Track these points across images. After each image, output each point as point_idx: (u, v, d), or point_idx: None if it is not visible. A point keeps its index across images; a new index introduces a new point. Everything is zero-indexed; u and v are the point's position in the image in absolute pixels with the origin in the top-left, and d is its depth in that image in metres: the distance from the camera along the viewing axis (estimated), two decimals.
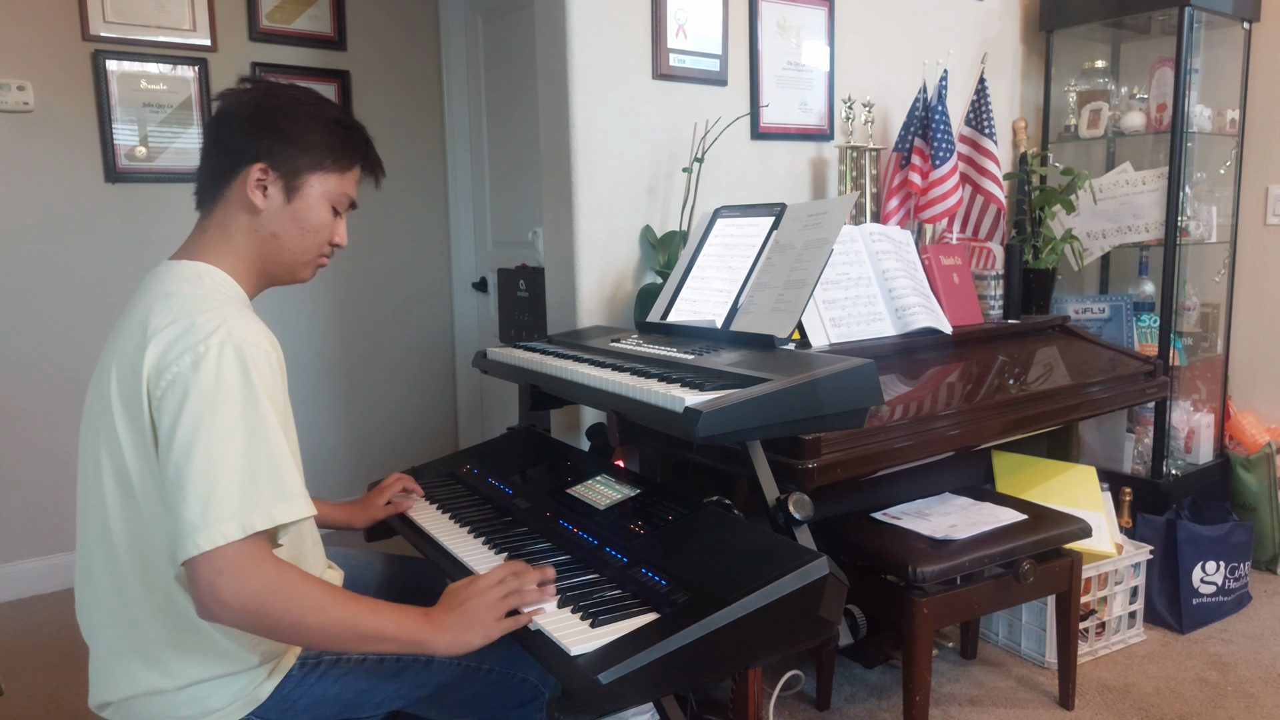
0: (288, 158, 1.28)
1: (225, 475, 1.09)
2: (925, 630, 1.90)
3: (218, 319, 1.16)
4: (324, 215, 1.33)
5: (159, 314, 1.17)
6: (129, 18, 3.09)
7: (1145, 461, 2.92)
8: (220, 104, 1.31)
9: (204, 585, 1.07)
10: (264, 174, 1.27)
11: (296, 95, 1.32)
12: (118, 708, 1.26)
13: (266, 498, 1.11)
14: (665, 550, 1.40)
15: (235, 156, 1.27)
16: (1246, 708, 2.22)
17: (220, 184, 1.29)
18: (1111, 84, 3.16)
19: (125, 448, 1.17)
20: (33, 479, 3.08)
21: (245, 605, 1.08)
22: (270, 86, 1.32)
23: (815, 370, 1.44)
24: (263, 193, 1.27)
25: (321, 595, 1.13)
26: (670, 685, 1.20)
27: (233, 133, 1.28)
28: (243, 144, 1.27)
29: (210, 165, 1.30)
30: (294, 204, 1.29)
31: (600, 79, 2.27)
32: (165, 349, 1.14)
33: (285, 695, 1.27)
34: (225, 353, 1.13)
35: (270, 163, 1.27)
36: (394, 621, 1.18)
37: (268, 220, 1.29)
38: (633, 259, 2.38)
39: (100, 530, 1.21)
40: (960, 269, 2.46)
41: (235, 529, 1.07)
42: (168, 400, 1.12)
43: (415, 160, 3.71)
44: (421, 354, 3.83)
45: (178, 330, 1.14)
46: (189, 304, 1.18)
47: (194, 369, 1.12)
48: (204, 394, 1.11)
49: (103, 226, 3.13)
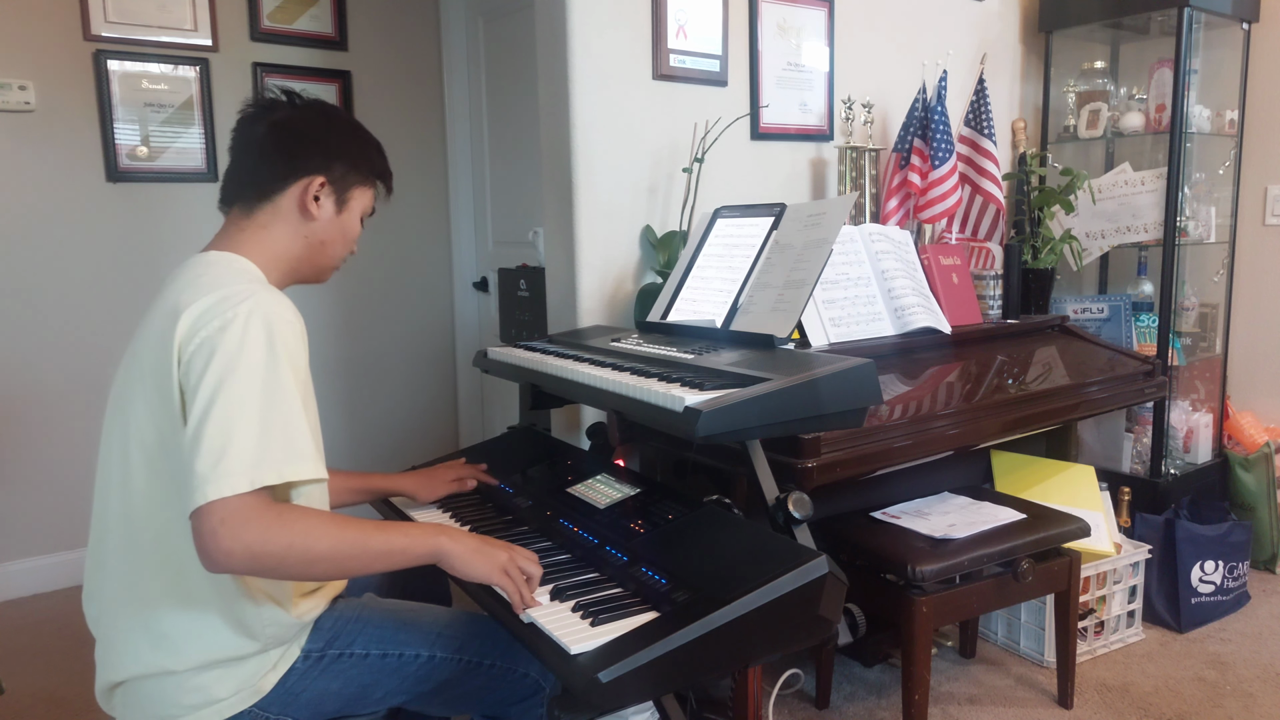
0: (345, 175, 1.39)
1: (240, 432, 1.12)
2: (924, 629, 1.91)
3: (248, 291, 1.21)
4: (358, 226, 1.45)
5: (190, 292, 1.22)
6: (130, 17, 3.10)
7: (1144, 461, 2.92)
8: (272, 113, 1.37)
9: (207, 535, 1.09)
10: (323, 187, 1.36)
11: (348, 118, 1.46)
12: (125, 689, 1.27)
13: (278, 456, 1.14)
14: (665, 549, 1.41)
15: (299, 167, 1.35)
16: (1245, 707, 2.23)
17: (273, 190, 1.35)
18: (1110, 84, 3.16)
19: (154, 416, 1.20)
20: (33, 478, 3.09)
21: (249, 548, 1.09)
22: (320, 105, 1.43)
23: (815, 370, 1.44)
24: (317, 203, 1.36)
25: (325, 521, 1.16)
26: (670, 684, 1.21)
27: (298, 143, 1.36)
28: (308, 156, 1.35)
29: (262, 171, 1.35)
30: (342, 215, 1.40)
31: (600, 79, 2.27)
32: (197, 318, 1.18)
33: (288, 688, 1.28)
34: (253, 319, 1.17)
35: (330, 177, 1.37)
36: (404, 533, 1.25)
37: (319, 229, 1.38)
38: (633, 259, 2.39)
39: (122, 506, 1.24)
40: (959, 269, 2.46)
41: (244, 482, 1.10)
42: (195, 362, 1.16)
43: (416, 160, 3.72)
44: (422, 353, 3.83)
45: (209, 301, 1.19)
46: (218, 280, 1.23)
47: (221, 332, 1.16)
48: (228, 355, 1.15)
49: (104, 226, 3.14)
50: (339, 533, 1.16)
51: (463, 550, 1.28)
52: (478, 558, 1.29)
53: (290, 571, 1.16)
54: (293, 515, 1.14)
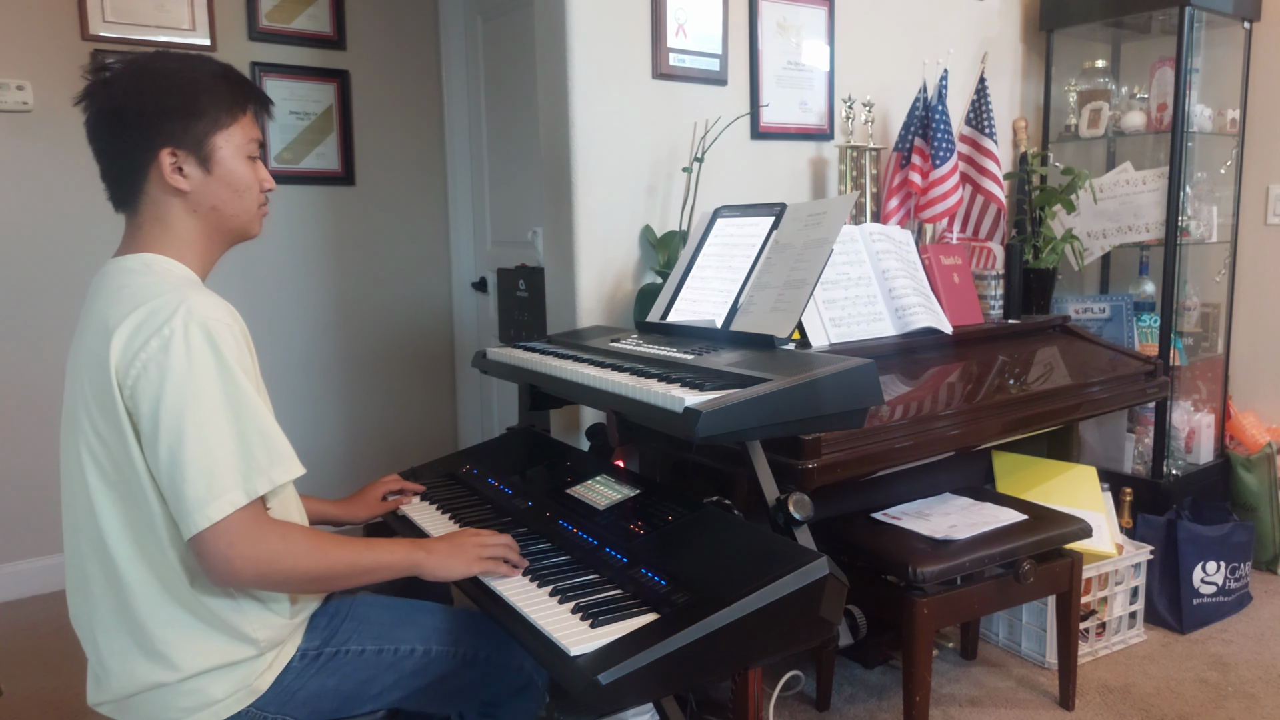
0: (189, 131, 1.23)
1: (221, 449, 1.14)
2: (925, 630, 1.90)
3: (175, 300, 1.16)
4: (245, 170, 1.29)
5: (116, 307, 1.18)
6: (128, 17, 3.09)
7: (1146, 461, 2.91)
8: (93, 104, 1.24)
9: (218, 558, 1.14)
10: (174, 156, 1.23)
11: (167, 66, 1.26)
12: (117, 705, 1.26)
13: (263, 462, 1.17)
14: (665, 550, 1.40)
15: (139, 150, 1.23)
16: (1247, 708, 2.22)
17: (135, 181, 1.25)
18: (1112, 84, 3.15)
19: (106, 442, 1.18)
20: (31, 479, 3.08)
21: (258, 570, 1.16)
22: (134, 67, 1.25)
23: (815, 370, 1.44)
24: (180, 174, 1.24)
25: (321, 544, 1.22)
26: (670, 686, 1.20)
27: (125, 128, 1.23)
28: (140, 136, 1.22)
29: (117, 167, 1.26)
30: (215, 172, 1.26)
31: (600, 79, 2.27)
32: (129, 338, 1.15)
33: (285, 687, 1.28)
34: (191, 331, 1.14)
35: (175, 143, 1.23)
36: (389, 551, 1.31)
37: (199, 197, 1.26)
38: (632, 259, 2.38)
39: (91, 532, 1.21)
40: (960, 269, 2.45)
41: (240, 495, 1.14)
42: (142, 386, 1.13)
43: (415, 160, 3.71)
44: (421, 354, 3.83)
45: (139, 318, 1.15)
46: (143, 292, 1.19)
47: (164, 352, 1.13)
48: (180, 375, 1.13)
49: (102, 226, 3.12)
50: (335, 554, 1.24)
51: (436, 558, 1.35)
52: (451, 559, 1.37)
53: (287, 589, 1.26)
54: (297, 540, 1.20)
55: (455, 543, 1.39)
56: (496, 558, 1.40)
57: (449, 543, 1.39)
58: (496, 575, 1.40)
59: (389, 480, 1.82)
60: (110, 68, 1.25)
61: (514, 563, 1.41)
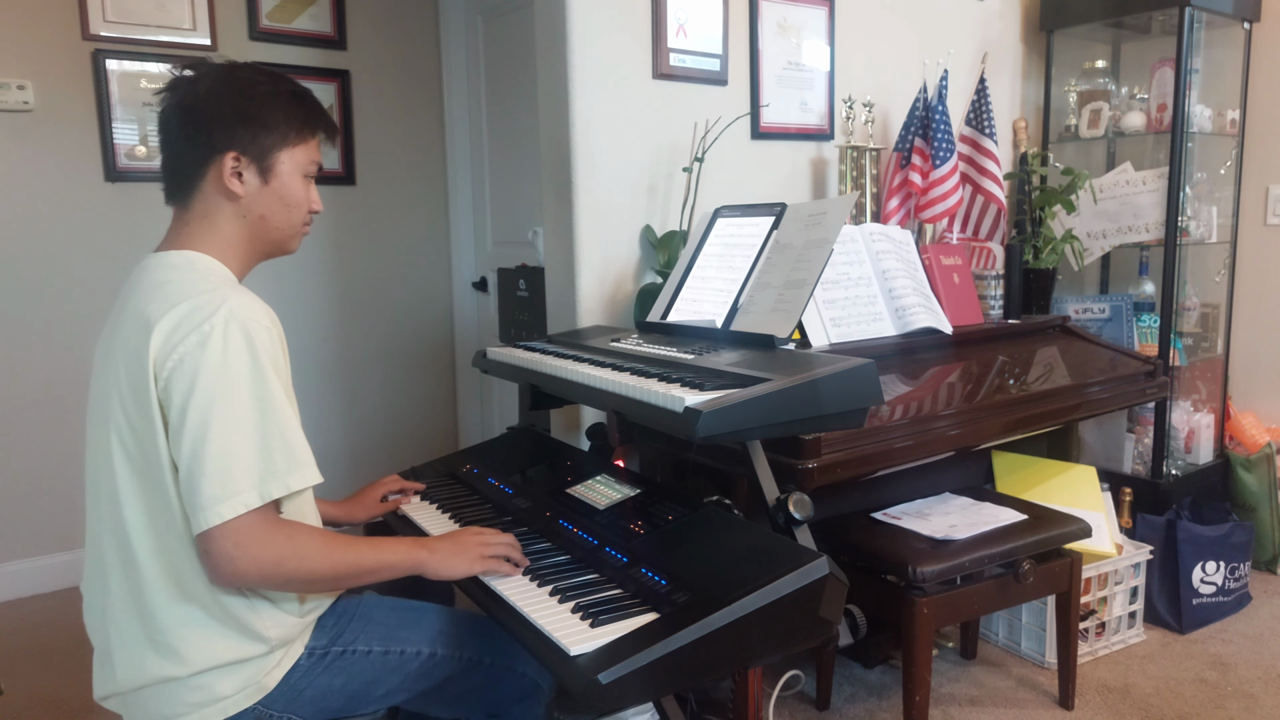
0: (256, 141, 1.28)
1: (241, 449, 1.15)
2: (925, 630, 1.90)
3: (218, 299, 1.19)
4: (300, 188, 1.34)
5: (158, 302, 1.20)
6: (129, 17, 3.09)
7: (1145, 462, 2.91)
8: (172, 96, 1.28)
9: (223, 557, 1.14)
10: (237, 161, 1.28)
11: (251, 77, 1.31)
12: (124, 699, 1.27)
13: (281, 467, 1.18)
14: (665, 550, 1.40)
15: (205, 149, 1.27)
16: (1246, 708, 2.22)
17: (194, 177, 1.29)
18: (1112, 84, 3.15)
19: (136, 432, 1.19)
20: (32, 478, 3.08)
21: (262, 571, 1.17)
22: (221, 71, 1.30)
23: (815, 370, 1.44)
24: (239, 179, 1.28)
25: (325, 545, 1.23)
26: (670, 685, 1.20)
27: (197, 125, 1.27)
28: (209, 135, 1.26)
29: (180, 160, 1.29)
30: (271, 184, 1.31)
31: (600, 79, 2.27)
32: (170, 332, 1.16)
33: (292, 685, 1.28)
34: (230, 330, 1.16)
35: (241, 149, 1.28)
36: (392, 551, 1.32)
37: (250, 204, 1.31)
38: (633, 259, 2.38)
39: (114, 521, 1.23)
40: (960, 269, 2.45)
41: (254, 497, 1.15)
42: (176, 380, 1.15)
43: (415, 160, 3.71)
44: (421, 354, 3.83)
45: (181, 313, 1.17)
46: (186, 289, 1.21)
47: (201, 348, 1.15)
48: (214, 372, 1.15)
49: (103, 226, 3.13)
50: (339, 555, 1.24)
51: (439, 557, 1.36)
52: (454, 558, 1.37)
53: (291, 589, 1.26)
54: (302, 542, 1.20)
55: (458, 541, 1.40)
56: (499, 556, 1.41)
57: (452, 541, 1.39)
58: (499, 574, 1.40)
59: (389, 481, 1.83)
60: (199, 67, 1.31)
61: (516, 561, 1.42)
